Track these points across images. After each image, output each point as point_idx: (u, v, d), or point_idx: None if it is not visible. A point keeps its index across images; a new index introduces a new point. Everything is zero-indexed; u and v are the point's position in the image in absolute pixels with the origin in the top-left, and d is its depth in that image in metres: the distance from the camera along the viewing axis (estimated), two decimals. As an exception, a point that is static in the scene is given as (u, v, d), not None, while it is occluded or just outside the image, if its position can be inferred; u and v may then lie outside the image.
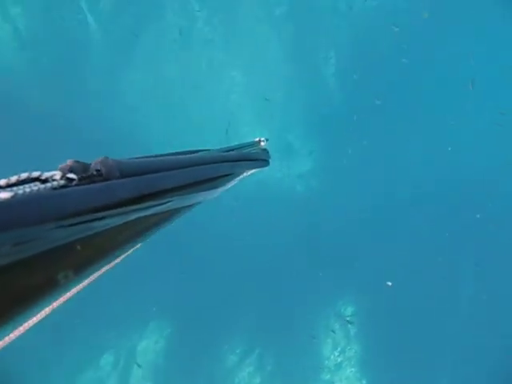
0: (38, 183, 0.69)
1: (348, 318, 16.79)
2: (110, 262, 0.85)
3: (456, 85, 16.67)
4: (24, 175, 0.68)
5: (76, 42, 16.44)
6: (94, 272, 0.80)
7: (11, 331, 0.63)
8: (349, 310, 17.06)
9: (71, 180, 0.75)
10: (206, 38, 16.98)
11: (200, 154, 1.51)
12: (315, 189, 18.49)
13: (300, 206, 17.80)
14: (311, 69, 17.46)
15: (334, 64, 17.37)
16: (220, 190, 1.47)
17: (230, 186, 1.59)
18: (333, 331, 17.00)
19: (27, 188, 0.64)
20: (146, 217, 0.95)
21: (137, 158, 1.04)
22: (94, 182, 0.80)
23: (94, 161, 0.84)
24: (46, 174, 0.72)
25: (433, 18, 16.43)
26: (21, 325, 0.65)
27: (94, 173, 0.81)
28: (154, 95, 17.03)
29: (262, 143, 2.22)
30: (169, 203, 1.04)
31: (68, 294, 0.75)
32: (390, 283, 13.62)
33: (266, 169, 2.09)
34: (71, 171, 0.77)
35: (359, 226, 17.66)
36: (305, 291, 17.05)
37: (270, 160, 2.09)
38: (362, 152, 16.83)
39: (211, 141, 16.52)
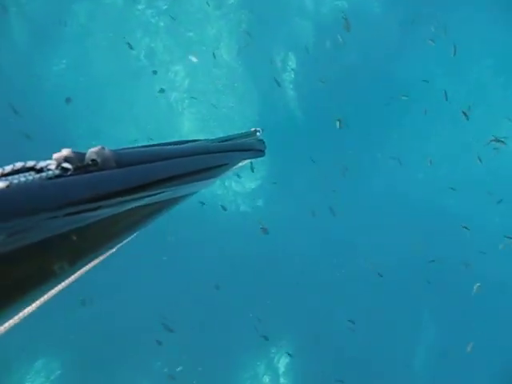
0: (32, 173, 0.68)
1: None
2: (105, 252, 0.86)
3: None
4: (19, 165, 0.68)
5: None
6: (89, 262, 0.80)
7: (5, 321, 0.63)
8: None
9: (66, 170, 0.74)
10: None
11: (195, 144, 1.51)
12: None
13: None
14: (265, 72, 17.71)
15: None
16: (215, 179, 1.47)
17: (225, 175, 1.60)
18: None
19: (22, 178, 0.63)
20: (141, 207, 0.95)
21: (132, 148, 1.03)
22: (89, 171, 0.79)
23: (90, 150, 0.82)
24: (41, 164, 0.71)
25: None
26: (15, 315, 0.64)
27: (90, 162, 0.80)
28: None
29: (258, 133, 2.21)
30: (164, 193, 1.04)
31: (63, 284, 0.74)
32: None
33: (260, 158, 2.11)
34: (66, 161, 0.75)
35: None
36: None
37: (266, 150, 2.08)
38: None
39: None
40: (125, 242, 0.95)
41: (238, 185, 19.47)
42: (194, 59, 16.37)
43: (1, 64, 16.80)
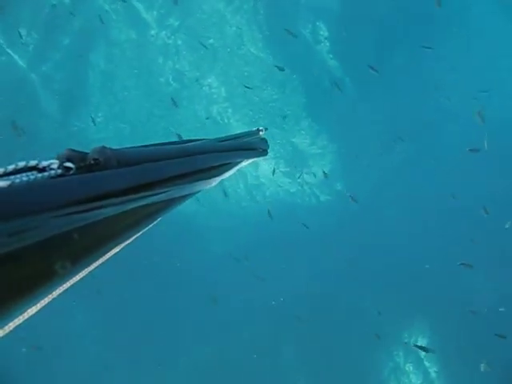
0: (35, 172, 0.68)
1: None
2: (107, 252, 0.85)
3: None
4: (21, 164, 0.68)
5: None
6: (92, 262, 0.79)
7: (8, 322, 0.62)
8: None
9: (69, 169, 0.75)
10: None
11: (198, 143, 1.50)
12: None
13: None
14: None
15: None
16: (218, 179, 1.46)
17: (228, 175, 1.59)
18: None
19: (24, 177, 0.64)
20: (144, 206, 0.94)
21: (135, 148, 1.03)
22: (91, 171, 0.79)
23: (92, 150, 0.83)
24: (44, 163, 0.72)
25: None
26: (18, 315, 0.64)
27: (92, 162, 0.81)
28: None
29: (261, 133, 2.19)
30: (167, 192, 1.03)
31: (66, 284, 0.73)
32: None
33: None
34: (69, 160, 0.76)
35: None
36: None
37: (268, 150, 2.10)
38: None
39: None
40: (128, 241, 0.94)
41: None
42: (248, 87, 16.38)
43: (40, 132, 17.38)
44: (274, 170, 17.44)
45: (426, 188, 17.99)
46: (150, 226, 1.04)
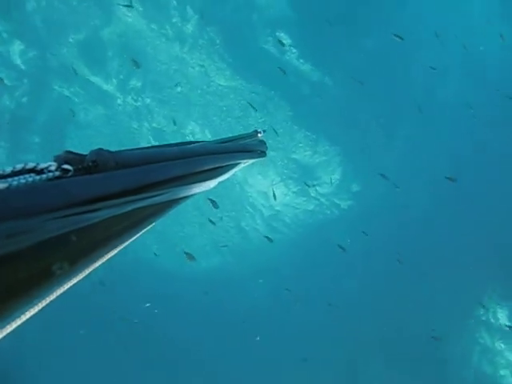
0: (33, 174, 0.70)
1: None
2: (105, 254, 0.86)
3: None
4: (19, 166, 0.70)
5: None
6: (90, 264, 0.80)
7: (5, 325, 0.63)
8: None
9: (67, 171, 0.77)
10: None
11: (197, 145, 1.54)
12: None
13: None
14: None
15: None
16: (216, 180, 1.50)
17: (226, 176, 1.63)
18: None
19: (22, 179, 0.66)
20: (142, 208, 0.96)
21: (133, 150, 1.06)
22: (89, 173, 0.82)
23: (90, 152, 0.85)
24: (42, 165, 0.74)
25: None
26: (16, 318, 0.64)
27: (90, 164, 0.83)
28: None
29: (259, 134, 2.30)
30: (165, 194, 1.06)
31: (64, 286, 0.75)
32: None
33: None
34: (67, 162, 0.79)
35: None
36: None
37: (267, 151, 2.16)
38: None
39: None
40: (126, 243, 0.96)
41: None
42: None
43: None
44: (274, 195, 17.36)
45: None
46: (148, 228, 1.06)
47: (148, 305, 14.88)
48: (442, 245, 18.13)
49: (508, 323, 17.21)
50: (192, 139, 18.95)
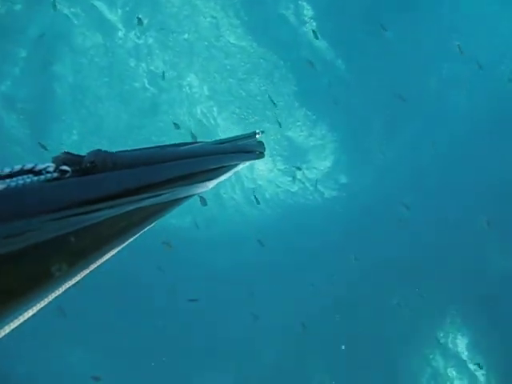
0: (31, 175, 0.73)
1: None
2: (103, 255, 0.89)
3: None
4: (17, 167, 0.72)
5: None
6: (88, 265, 0.83)
7: (4, 325, 0.66)
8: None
9: (65, 172, 0.79)
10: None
11: (195, 146, 1.59)
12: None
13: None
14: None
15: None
16: (215, 181, 1.54)
17: (224, 177, 1.68)
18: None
19: (20, 180, 0.69)
20: (140, 209, 0.99)
21: (131, 151, 1.10)
22: (87, 174, 0.84)
23: (88, 153, 0.88)
24: (40, 167, 0.76)
25: None
26: (15, 318, 0.67)
27: (88, 165, 0.86)
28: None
29: (258, 135, 2.31)
30: (163, 195, 1.09)
31: (62, 287, 0.77)
32: None
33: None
34: (65, 163, 0.81)
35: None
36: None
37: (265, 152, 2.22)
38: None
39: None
40: (124, 244, 0.99)
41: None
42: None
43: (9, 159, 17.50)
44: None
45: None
46: (147, 228, 1.10)
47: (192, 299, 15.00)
48: (415, 255, 18.44)
49: (466, 352, 17.63)
50: (188, 92, 18.72)
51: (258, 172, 20.44)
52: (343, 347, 17.91)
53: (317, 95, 18.30)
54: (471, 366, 17.88)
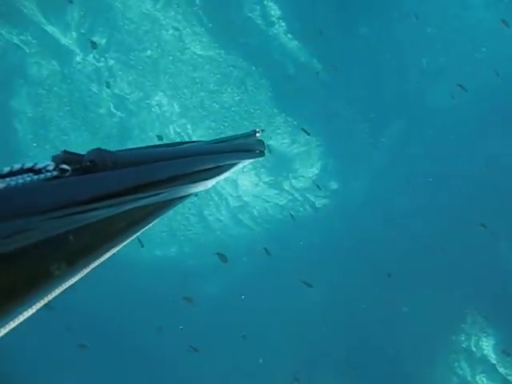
0: (31, 174, 0.76)
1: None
2: (103, 254, 0.94)
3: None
4: (17, 166, 0.76)
5: None
6: (88, 264, 0.88)
7: (4, 325, 0.68)
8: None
9: (64, 171, 0.83)
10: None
11: (194, 144, 1.68)
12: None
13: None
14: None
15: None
16: (215, 180, 1.63)
17: (224, 176, 1.77)
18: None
19: (20, 179, 0.72)
20: (139, 208, 1.06)
21: (131, 150, 1.17)
22: (87, 173, 0.88)
23: (88, 152, 0.92)
24: (39, 165, 0.80)
25: None
26: (14, 318, 0.70)
27: (88, 164, 0.90)
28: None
29: (258, 134, 2.43)
30: (163, 194, 1.16)
31: (61, 286, 0.81)
32: None
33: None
34: (64, 162, 0.84)
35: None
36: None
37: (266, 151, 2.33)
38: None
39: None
40: (124, 244, 1.05)
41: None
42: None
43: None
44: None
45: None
46: (146, 227, 1.16)
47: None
48: (425, 258, 18.54)
49: (493, 355, 17.27)
50: (159, 112, 18.76)
51: (242, 188, 20.44)
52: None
53: (295, 99, 18.35)
54: (502, 371, 17.50)
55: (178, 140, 19.01)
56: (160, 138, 15.71)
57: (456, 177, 18.17)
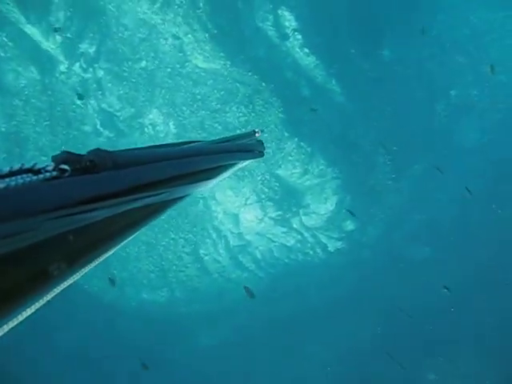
0: (30, 174, 0.78)
1: None
2: (102, 254, 0.95)
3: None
4: (17, 167, 0.78)
5: None
6: (87, 264, 0.89)
7: (3, 324, 0.70)
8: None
9: (64, 171, 0.85)
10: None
11: (193, 145, 1.73)
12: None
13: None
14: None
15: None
16: (214, 180, 1.68)
17: (224, 177, 1.83)
18: None
19: (20, 179, 0.73)
20: (139, 208, 1.08)
21: (130, 150, 1.21)
22: (87, 173, 0.90)
23: (88, 152, 0.94)
24: (39, 166, 0.82)
25: None
26: (13, 318, 0.71)
27: (88, 164, 0.91)
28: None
29: (257, 134, 2.49)
30: (162, 194, 1.19)
31: (61, 286, 0.82)
32: None
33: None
34: (64, 162, 0.86)
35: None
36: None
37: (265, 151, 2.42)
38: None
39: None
40: (124, 243, 1.07)
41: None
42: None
43: None
44: None
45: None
46: (145, 227, 1.19)
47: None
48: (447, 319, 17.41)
49: None
50: (152, 133, 18.02)
51: (244, 224, 19.47)
52: None
53: (310, 123, 17.30)
54: None
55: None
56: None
57: (483, 229, 17.09)
